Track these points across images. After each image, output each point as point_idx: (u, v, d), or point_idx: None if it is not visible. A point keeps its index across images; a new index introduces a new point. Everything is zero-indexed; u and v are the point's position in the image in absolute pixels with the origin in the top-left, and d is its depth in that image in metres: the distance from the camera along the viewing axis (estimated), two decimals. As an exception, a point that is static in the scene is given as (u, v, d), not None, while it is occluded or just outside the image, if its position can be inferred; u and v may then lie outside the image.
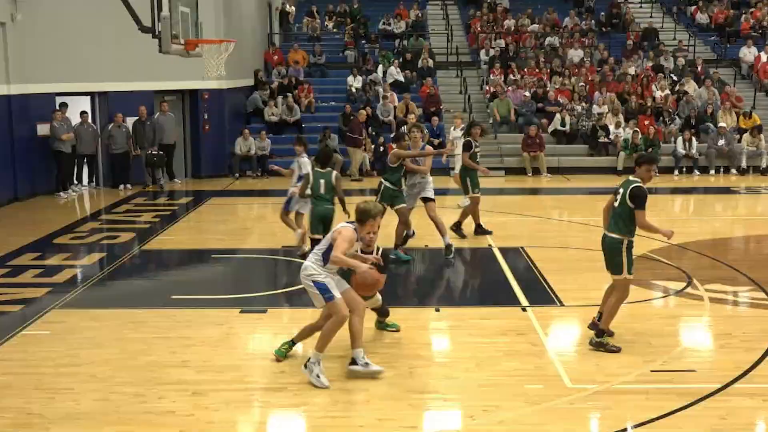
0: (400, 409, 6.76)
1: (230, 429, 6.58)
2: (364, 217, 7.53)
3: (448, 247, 12.40)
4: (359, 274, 7.48)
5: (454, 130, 17.30)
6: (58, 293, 10.56)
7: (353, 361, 7.55)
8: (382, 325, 9.03)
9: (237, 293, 10.32)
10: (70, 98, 19.44)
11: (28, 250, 13.10)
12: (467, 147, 13.55)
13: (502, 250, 12.81)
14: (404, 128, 12.91)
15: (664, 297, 10.35)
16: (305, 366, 7.42)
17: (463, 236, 13.57)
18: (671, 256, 12.38)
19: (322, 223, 11.12)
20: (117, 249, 13.33)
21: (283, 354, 7.97)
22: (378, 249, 8.09)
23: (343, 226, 7.56)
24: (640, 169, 8.24)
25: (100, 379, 7.53)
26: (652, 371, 7.64)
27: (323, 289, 7.44)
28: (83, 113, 19.36)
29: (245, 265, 12.50)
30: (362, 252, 7.83)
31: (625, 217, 8.13)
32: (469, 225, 13.88)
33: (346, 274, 7.76)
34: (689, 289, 10.54)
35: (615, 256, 8.24)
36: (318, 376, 7.32)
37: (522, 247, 12.97)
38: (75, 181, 19.61)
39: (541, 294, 10.39)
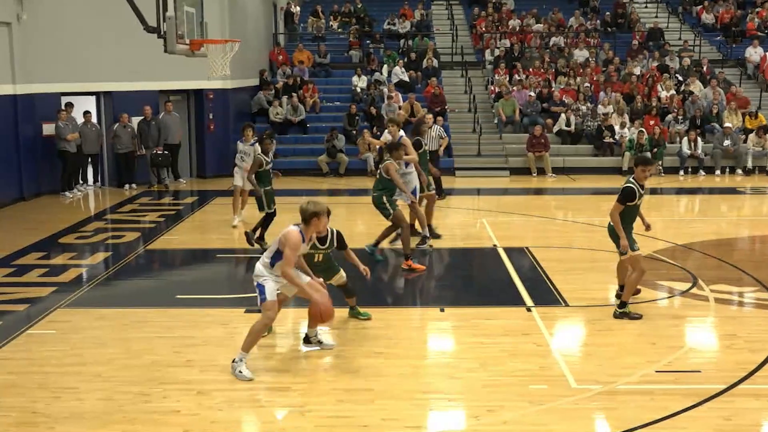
0: (404, 409, 6.76)
1: (234, 428, 6.59)
2: (308, 218, 7.56)
3: (423, 238, 12.89)
4: (312, 305, 7.79)
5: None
6: (63, 292, 10.58)
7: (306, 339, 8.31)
8: (354, 312, 9.26)
9: (241, 293, 10.31)
10: (76, 98, 19.46)
11: (33, 250, 13.12)
12: (417, 146, 13.09)
13: (507, 250, 12.79)
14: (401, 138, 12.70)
15: (669, 297, 10.33)
16: (232, 363, 7.59)
17: (437, 236, 13.54)
18: (676, 257, 12.36)
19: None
20: (122, 248, 13.35)
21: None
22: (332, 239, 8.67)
23: (288, 230, 7.54)
24: (636, 170, 9.15)
25: (104, 379, 7.54)
26: (656, 372, 7.63)
27: (260, 291, 7.64)
28: (86, 113, 19.38)
29: (250, 265, 12.51)
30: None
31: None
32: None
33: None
34: (694, 290, 10.52)
35: (614, 239, 9.29)
36: (240, 372, 7.49)
37: (527, 247, 12.96)
38: (80, 181, 19.64)
39: (545, 294, 10.37)
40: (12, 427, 6.59)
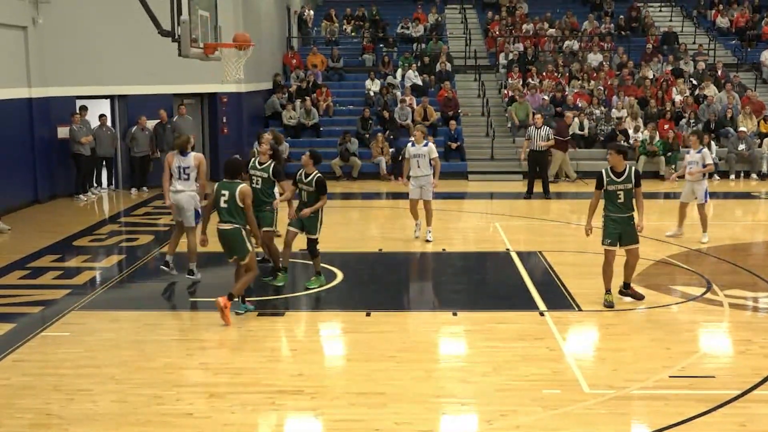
0: (417, 413, 6.75)
1: (247, 431, 6.60)
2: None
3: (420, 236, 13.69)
4: None
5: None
6: (78, 295, 10.63)
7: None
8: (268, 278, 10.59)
9: (254, 296, 10.34)
10: (90, 101, 19.58)
11: (47, 252, 13.20)
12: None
13: (520, 254, 12.77)
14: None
15: (683, 302, 10.29)
16: None
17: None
18: (690, 262, 12.31)
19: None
20: (136, 251, 13.40)
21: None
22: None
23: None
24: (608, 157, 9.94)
25: (118, 381, 7.58)
26: (670, 377, 7.60)
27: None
28: (102, 116, 19.47)
29: (262, 269, 12.53)
30: None
31: None
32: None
33: None
34: (708, 295, 10.47)
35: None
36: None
37: (540, 252, 12.93)
38: (94, 184, 19.72)
39: (558, 298, 10.35)
40: (27, 429, 6.63)
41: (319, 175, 10.64)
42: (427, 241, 13.50)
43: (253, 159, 11.49)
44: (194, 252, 11.17)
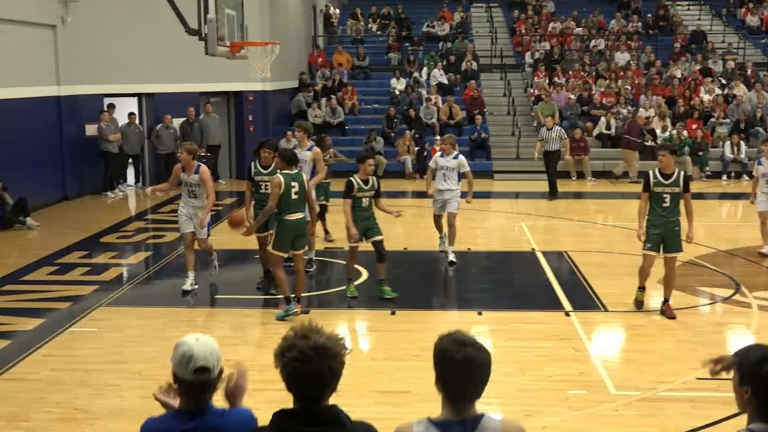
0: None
1: (272, 428, 6.62)
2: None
3: (445, 252, 12.38)
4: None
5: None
6: (105, 291, 10.73)
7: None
8: (381, 288, 10.17)
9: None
10: (118, 99, 19.75)
11: (76, 249, 13.33)
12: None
13: (546, 254, 12.72)
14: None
15: (711, 304, 10.20)
16: None
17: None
18: (718, 263, 12.20)
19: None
20: (162, 248, 13.50)
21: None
22: None
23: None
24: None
25: (144, 376, 7.63)
26: (697, 379, 7.53)
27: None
28: (131, 115, 19.64)
29: (288, 267, 12.58)
30: None
31: None
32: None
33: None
34: (737, 296, 10.37)
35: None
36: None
37: (565, 252, 12.88)
38: (121, 181, 19.87)
39: (584, 299, 10.32)
40: (54, 423, 6.71)
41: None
42: (451, 262, 12.05)
43: (256, 164, 10.62)
44: (211, 249, 11.10)
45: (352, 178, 10.15)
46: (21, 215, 15.24)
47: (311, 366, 2.92)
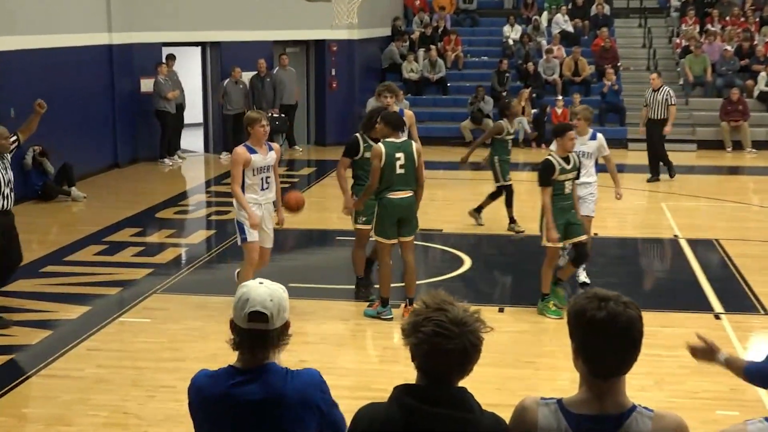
0: None
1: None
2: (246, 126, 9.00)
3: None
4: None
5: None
6: (160, 275, 10.98)
7: None
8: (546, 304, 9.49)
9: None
10: (179, 49, 20.04)
11: (127, 225, 13.66)
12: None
13: (691, 243, 12.52)
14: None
15: None
16: None
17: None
18: None
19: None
20: (227, 226, 13.71)
21: None
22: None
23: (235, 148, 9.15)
24: None
25: (205, 378, 7.77)
26: None
27: (240, 230, 9.38)
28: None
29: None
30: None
31: None
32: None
33: None
34: None
35: None
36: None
37: (716, 240, 12.63)
38: (181, 147, 20.15)
39: (739, 298, 10.16)
40: (101, 428, 6.90)
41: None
42: (583, 284, 10.40)
43: (365, 137, 9.89)
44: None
45: (550, 157, 9.25)
46: (65, 185, 15.68)
47: (453, 342, 3.01)
